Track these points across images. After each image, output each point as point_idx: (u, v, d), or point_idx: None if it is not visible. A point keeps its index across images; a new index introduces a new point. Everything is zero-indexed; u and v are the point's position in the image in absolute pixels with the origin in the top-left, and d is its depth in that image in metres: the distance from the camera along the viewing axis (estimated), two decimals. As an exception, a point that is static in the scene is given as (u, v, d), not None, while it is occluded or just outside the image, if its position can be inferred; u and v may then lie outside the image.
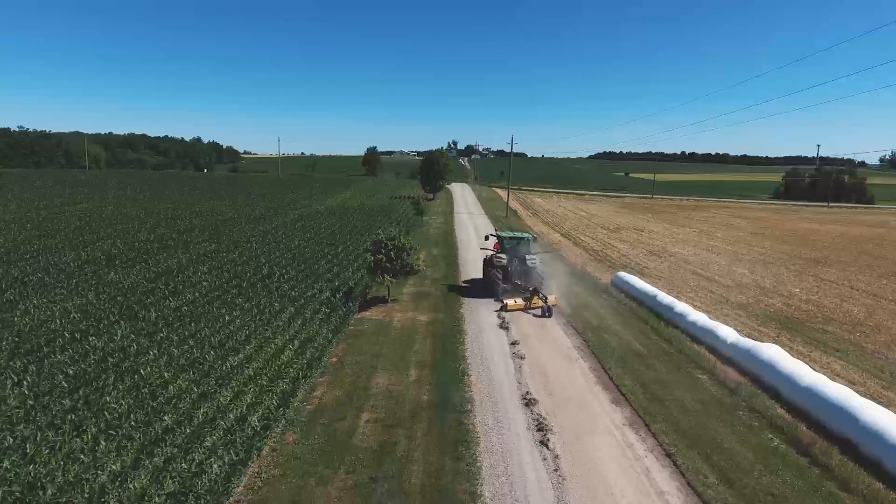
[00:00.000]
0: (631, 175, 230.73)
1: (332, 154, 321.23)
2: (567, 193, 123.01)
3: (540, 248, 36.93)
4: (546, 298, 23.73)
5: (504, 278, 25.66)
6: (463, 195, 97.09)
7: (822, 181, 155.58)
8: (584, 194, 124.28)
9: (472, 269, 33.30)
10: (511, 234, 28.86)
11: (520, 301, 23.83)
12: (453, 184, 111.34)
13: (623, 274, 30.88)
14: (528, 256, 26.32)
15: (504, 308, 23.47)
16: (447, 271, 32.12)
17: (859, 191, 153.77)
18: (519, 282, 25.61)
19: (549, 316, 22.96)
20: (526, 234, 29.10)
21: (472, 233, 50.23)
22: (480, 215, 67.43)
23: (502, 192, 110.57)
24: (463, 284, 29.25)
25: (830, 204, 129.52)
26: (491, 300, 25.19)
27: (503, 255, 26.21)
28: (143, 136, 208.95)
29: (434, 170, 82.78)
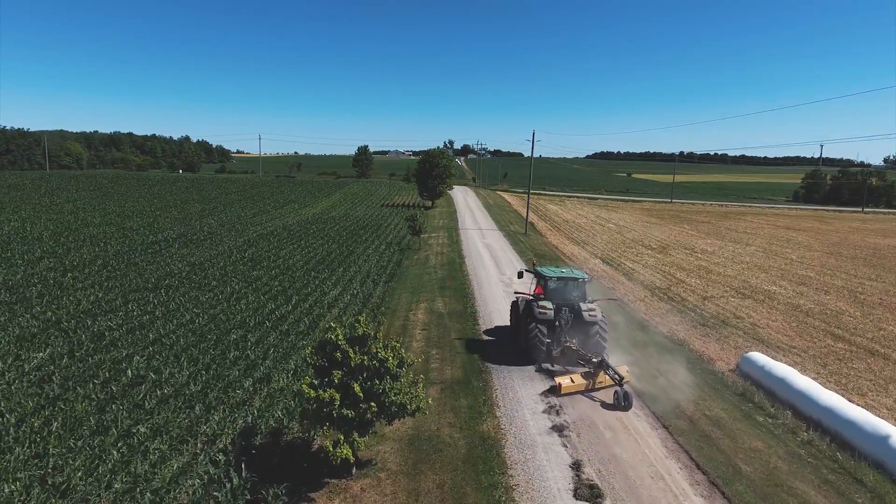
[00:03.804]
0: (633, 175, 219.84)
1: (323, 154, 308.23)
2: (578, 197, 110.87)
3: (590, 290, 24.57)
4: (621, 378, 15.89)
5: (550, 336, 18.19)
6: (466, 202, 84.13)
7: (847, 184, 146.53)
8: (598, 198, 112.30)
9: (500, 324, 21.16)
10: (558, 273, 19.96)
11: (579, 379, 16.49)
12: (454, 187, 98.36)
13: (758, 357, 18.36)
14: (584, 306, 18.43)
15: (557, 391, 16.09)
16: (465, 356, 19.04)
17: (888, 194, 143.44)
18: (572, 345, 17.87)
19: (629, 405, 15.30)
20: (579, 274, 20.00)
21: (489, 261, 37.12)
22: (492, 230, 54.28)
23: (508, 197, 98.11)
24: (485, 338, 21.01)
25: (865, 209, 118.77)
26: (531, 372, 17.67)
27: (548, 304, 18.26)
28: (129, 134, 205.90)
29: (433, 172, 69.86)
